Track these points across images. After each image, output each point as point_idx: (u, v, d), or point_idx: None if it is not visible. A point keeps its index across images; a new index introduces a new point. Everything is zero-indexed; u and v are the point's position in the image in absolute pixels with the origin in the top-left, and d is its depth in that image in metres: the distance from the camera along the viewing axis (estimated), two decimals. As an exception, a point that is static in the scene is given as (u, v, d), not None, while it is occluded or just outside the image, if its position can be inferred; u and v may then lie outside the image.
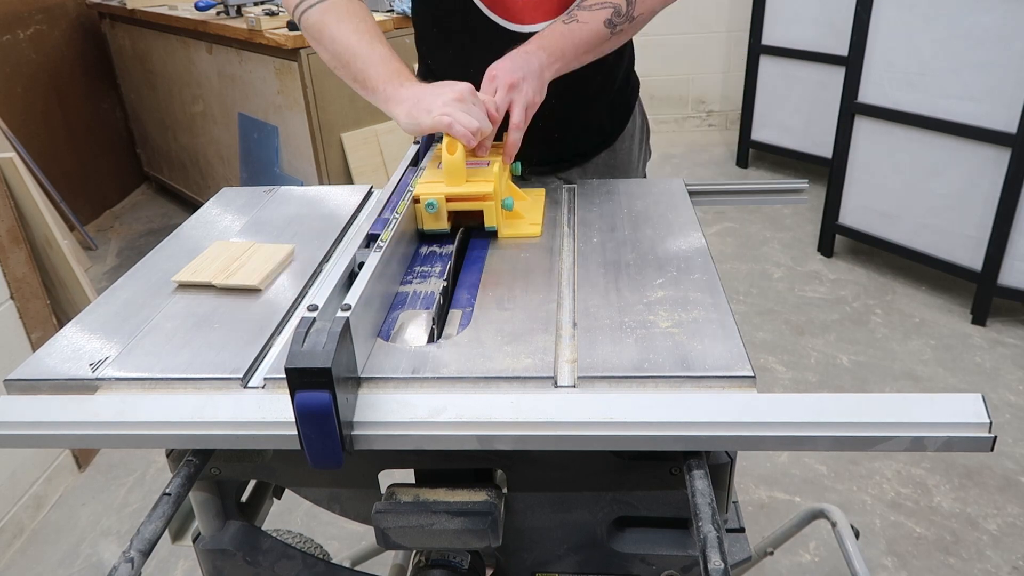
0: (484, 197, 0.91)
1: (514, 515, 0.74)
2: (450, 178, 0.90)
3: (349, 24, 1.01)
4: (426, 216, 0.91)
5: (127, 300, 0.84)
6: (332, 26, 1.01)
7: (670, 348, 0.69)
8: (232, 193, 1.15)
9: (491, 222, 0.92)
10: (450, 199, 0.90)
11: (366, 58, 0.98)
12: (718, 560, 0.55)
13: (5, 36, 3.17)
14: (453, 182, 0.90)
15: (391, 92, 0.95)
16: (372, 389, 0.67)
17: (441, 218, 0.91)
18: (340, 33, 1.00)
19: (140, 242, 3.48)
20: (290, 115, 2.68)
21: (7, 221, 1.86)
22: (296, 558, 0.80)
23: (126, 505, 1.97)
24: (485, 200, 0.91)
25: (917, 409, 0.60)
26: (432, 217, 0.90)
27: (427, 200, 0.89)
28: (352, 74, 1.00)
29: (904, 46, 2.49)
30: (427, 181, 0.93)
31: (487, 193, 0.90)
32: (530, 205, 1.01)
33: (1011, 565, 1.66)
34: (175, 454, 0.73)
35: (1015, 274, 2.41)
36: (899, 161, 2.62)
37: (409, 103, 0.93)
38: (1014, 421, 2.07)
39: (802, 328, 2.55)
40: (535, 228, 0.96)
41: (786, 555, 1.70)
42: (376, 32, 1.01)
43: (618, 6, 1.00)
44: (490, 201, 0.91)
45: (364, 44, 0.99)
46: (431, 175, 0.94)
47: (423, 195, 0.90)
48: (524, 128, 0.94)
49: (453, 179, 0.90)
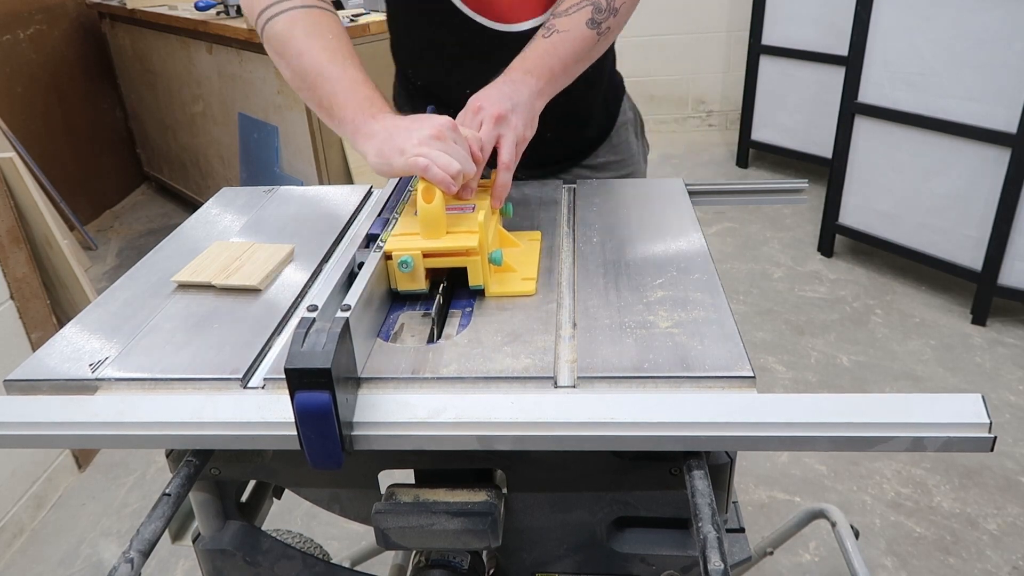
0: (468, 252, 0.77)
1: (514, 515, 0.74)
2: (428, 230, 0.78)
3: (319, 40, 0.90)
4: (399, 276, 0.78)
5: (127, 300, 0.84)
6: (299, 40, 0.90)
7: (670, 348, 0.69)
8: (232, 193, 1.15)
9: (476, 280, 0.79)
10: (428, 255, 0.77)
11: (336, 81, 0.87)
12: (718, 560, 0.55)
13: (5, 36, 3.17)
14: (431, 235, 0.78)
15: (360, 124, 0.84)
16: (372, 389, 0.67)
17: (418, 278, 0.78)
18: (308, 49, 0.89)
19: (140, 242, 3.48)
20: (290, 115, 2.68)
21: (7, 221, 1.86)
22: (296, 558, 0.80)
23: (126, 505, 1.97)
24: (469, 256, 0.78)
25: (917, 409, 0.60)
26: (407, 277, 0.78)
27: (400, 258, 0.77)
28: (317, 98, 0.89)
29: (904, 46, 2.49)
30: (401, 233, 0.80)
31: (471, 248, 0.77)
32: (523, 254, 0.87)
33: (1011, 565, 1.66)
34: (175, 454, 0.73)
35: (1015, 274, 2.41)
36: (899, 161, 2.62)
37: (380, 139, 0.81)
38: (1014, 421, 2.07)
39: (802, 328, 2.55)
40: (529, 285, 0.81)
41: (786, 555, 1.70)
42: (349, 51, 0.91)
43: (596, 2, 0.92)
44: (475, 256, 0.78)
45: (335, 65, 0.88)
46: (406, 225, 0.81)
47: (396, 251, 0.77)
48: (514, 167, 0.85)
49: (431, 231, 0.78)
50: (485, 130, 0.84)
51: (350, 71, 0.88)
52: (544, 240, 0.92)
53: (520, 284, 0.81)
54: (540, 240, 0.91)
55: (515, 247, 0.88)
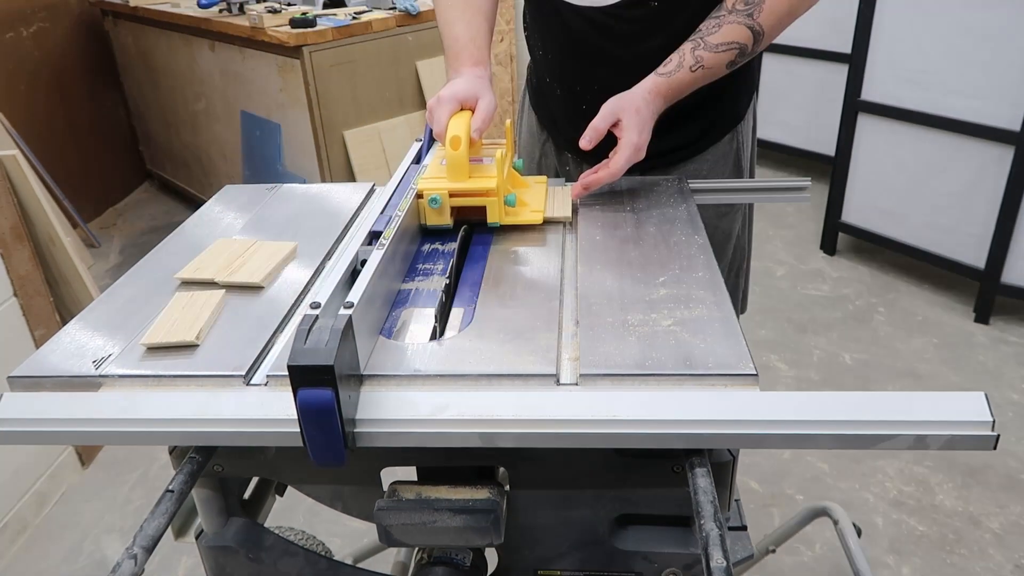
0: (487, 193, 0.92)
1: (516, 512, 0.74)
2: (453, 174, 0.92)
3: None
4: (429, 211, 0.91)
5: (130, 297, 0.84)
6: None
7: (672, 346, 0.69)
8: (235, 190, 1.15)
9: (494, 218, 0.93)
10: (453, 194, 0.91)
11: (445, 36, 1.07)
12: (720, 558, 0.55)
13: (8, 33, 3.18)
14: (456, 178, 0.92)
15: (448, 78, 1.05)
16: (374, 387, 0.67)
17: (444, 214, 0.91)
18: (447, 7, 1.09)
19: (143, 239, 3.48)
20: (293, 112, 2.68)
21: (10, 218, 1.86)
22: (298, 555, 0.80)
23: (129, 502, 1.97)
24: (488, 196, 0.92)
25: (920, 408, 0.60)
26: (435, 212, 0.91)
27: (431, 195, 0.90)
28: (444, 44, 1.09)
29: (907, 43, 2.48)
30: (430, 177, 0.94)
31: (490, 189, 0.91)
32: (532, 192, 1.02)
33: (1013, 563, 1.66)
34: (178, 451, 0.73)
35: (1018, 272, 2.40)
36: (902, 159, 2.62)
37: None
38: (1017, 419, 2.07)
39: (805, 326, 2.55)
40: (537, 216, 0.96)
41: (788, 553, 1.70)
42: (467, 5, 1.07)
43: (744, 46, 0.98)
44: (493, 197, 0.92)
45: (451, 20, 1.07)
46: (435, 171, 0.95)
47: (427, 190, 0.90)
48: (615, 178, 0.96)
49: (456, 175, 0.92)
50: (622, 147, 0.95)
51: (456, 28, 1.06)
52: (547, 238, 0.94)
53: (529, 215, 0.96)
54: (546, 183, 1.05)
55: (525, 187, 1.03)
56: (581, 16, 1.07)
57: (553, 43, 1.16)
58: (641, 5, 1.03)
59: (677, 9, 1.03)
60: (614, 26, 1.06)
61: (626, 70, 1.04)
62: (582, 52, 1.12)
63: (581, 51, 1.12)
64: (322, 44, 2.51)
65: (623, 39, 1.07)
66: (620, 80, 0.99)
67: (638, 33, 1.07)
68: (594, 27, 1.07)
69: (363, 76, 2.68)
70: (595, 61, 1.11)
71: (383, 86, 2.76)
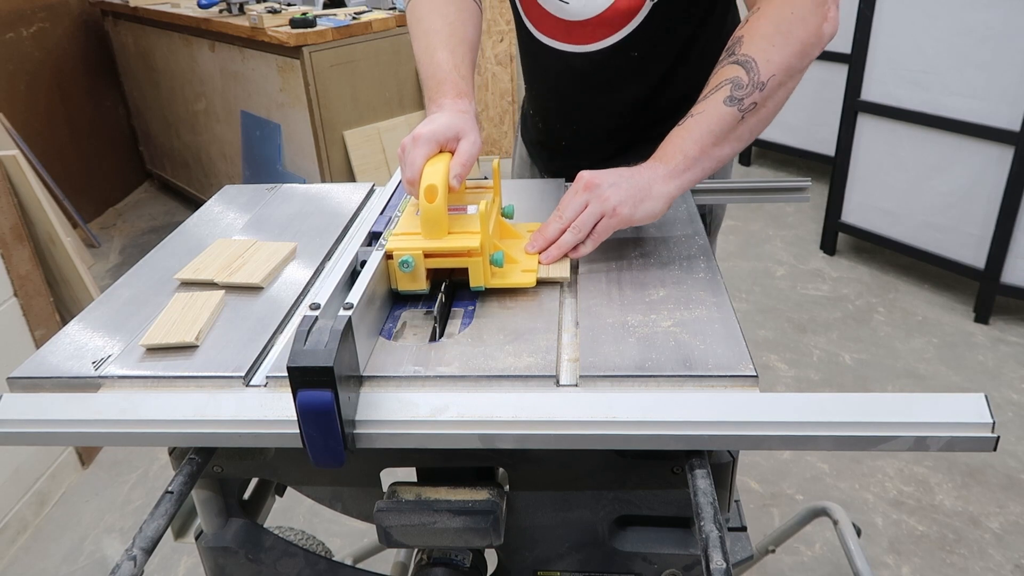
0: (469, 253, 0.77)
1: (516, 513, 0.74)
2: (429, 230, 0.77)
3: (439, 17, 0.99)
4: (400, 276, 0.77)
5: (130, 298, 0.84)
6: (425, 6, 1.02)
7: (672, 347, 0.69)
8: (234, 191, 1.15)
9: (477, 281, 0.78)
10: (429, 255, 0.77)
11: (425, 65, 0.96)
12: (720, 559, 0.55)
13: (8, 34, 3.18)
14: (433, 235, 0.77)
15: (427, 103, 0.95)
16: (374, 388, 0.67)
17: (419, 278, 0.77)
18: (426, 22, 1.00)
19: (143, 240, 3.48)
20: (292, 113, 2.68)
21: (10, 218, 1.86)
22: (298, 555, 0.80)
23: (129, 502, 1.97)
24: (471, 256, 0.77)
25: (920, 409, 0.60)
26: (408, 277, 0.77)
27: (401, 257, 0.76)
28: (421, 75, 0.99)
29: (907, 44, 2.48)
30: (402, 233, 0.80)
31: (472, 248, 0.76)
32: (524, 245, 0.85)
33: (1013, 564, 1.66)
34: (177, 452, 0.73)
35: (1018, 272, 2.41)
36: (902, 159, 2.62)
37: None
38: (1017, 420, 2.07)
39: (804, 326, 2.55)
40: (529, 277, 0.80)
41: (788, 553, 1.70)
42: (451, 33, 0.97)
43: (736, 78, 0.83)
44: (477, 257, 0.77)
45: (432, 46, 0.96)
46: (408, 223, 0.81)
47: (397, 251, 0.76)
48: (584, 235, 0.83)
49: (433, 232, 0.77)
50: (569, 194, 0.84)
51: (438, 55, 0.95)
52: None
53: (520, 276, 0.81)
54: None
55: (516, 238, 0.87)
56: (562, 60, 1.08)
57: (534, 79, 1.18)
58: (621, 54, 1.04)
59: (656, 60, 1.04)
60: (592, 73, 1.07)
61: (601, 115, 1.06)
62: (562, 94, 1.13)
63: (561, 93, 1.13)
64: (322, 44, 2.51)
65: (600, 86, 1.08)
66: (595, 125, 1.00)
67: (613, 81, 1.07)
68: (573, 72, 1.08)
69: (363, 76, 2.68)
70: (574, 104, 1.12)
71: (383, 86, 2.76)
